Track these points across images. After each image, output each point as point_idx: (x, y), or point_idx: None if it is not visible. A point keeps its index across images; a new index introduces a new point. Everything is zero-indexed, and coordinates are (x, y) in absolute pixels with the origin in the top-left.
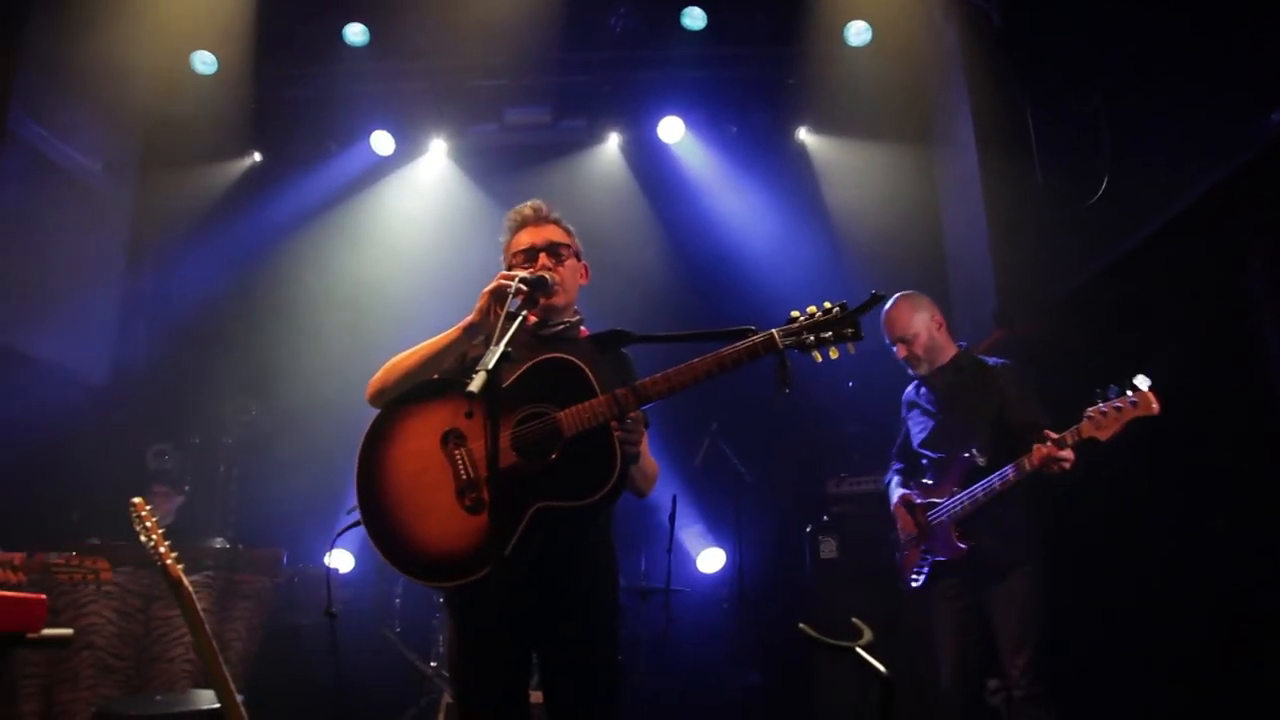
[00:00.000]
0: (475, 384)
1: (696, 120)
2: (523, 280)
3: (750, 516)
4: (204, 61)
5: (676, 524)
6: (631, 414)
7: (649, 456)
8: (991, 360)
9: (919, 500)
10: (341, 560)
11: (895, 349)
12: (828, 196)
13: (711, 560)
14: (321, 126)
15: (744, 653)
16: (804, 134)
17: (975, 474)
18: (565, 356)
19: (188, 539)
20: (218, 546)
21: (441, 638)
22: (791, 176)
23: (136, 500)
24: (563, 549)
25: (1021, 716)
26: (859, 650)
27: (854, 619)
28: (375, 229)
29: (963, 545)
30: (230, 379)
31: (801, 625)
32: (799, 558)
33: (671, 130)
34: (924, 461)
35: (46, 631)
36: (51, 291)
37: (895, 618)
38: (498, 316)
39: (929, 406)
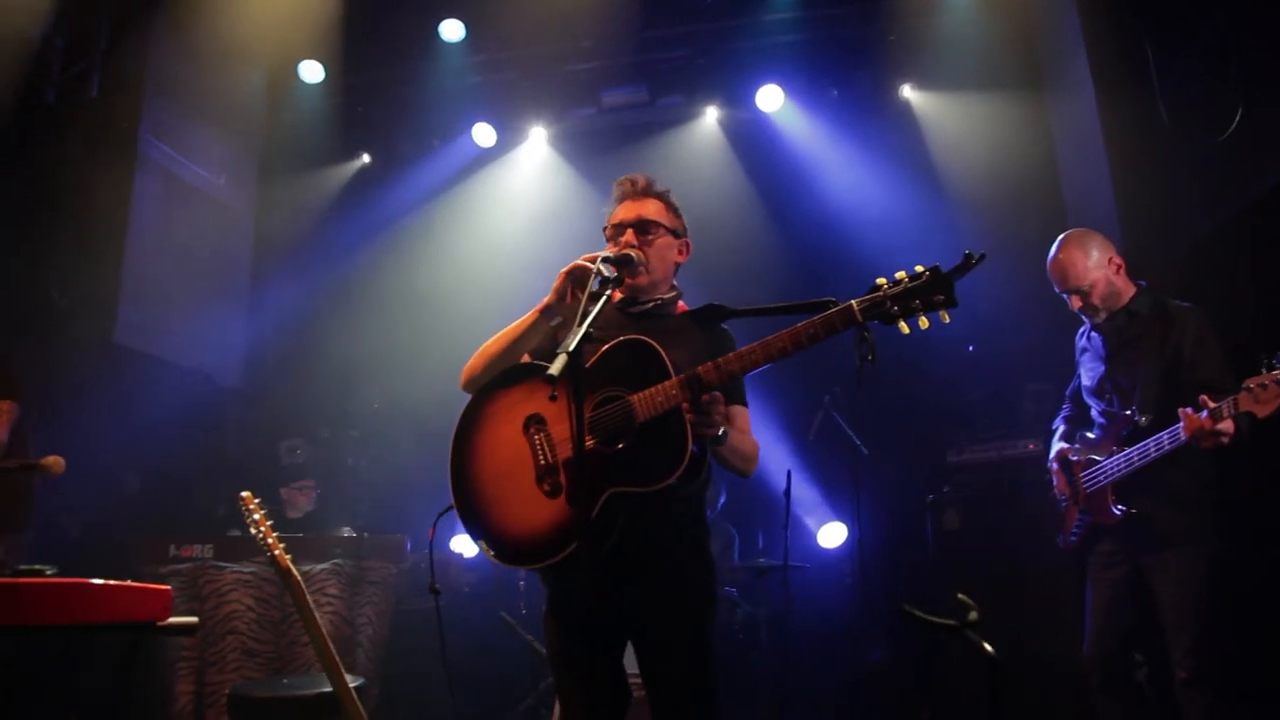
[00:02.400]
0: (555, 366)
1: (795, 87)
2: (605, 259)
3: (869, 489)
4: (311, 71)
5: (793, 499)
6: (706, 395)
7: (748, 435)
8: (1177, 302)
9: (1075, 458)
10: (465, 544)
11: (1068, 299)
12: (935, 154)
13: (832, 535)
14: (424, 124)
15: (867, 628)
16: (907, 91)
17: (1137, 434)
18: (640, 338)
19: (318, 529)
20: (345, 535)
21: None
22: (896, 136)
23: (245, 494)
24: (649, 533)
25: (1185, 699)
26: (964, 630)
27: (960, 595)
28: (481, 218)
29: (1119, 511)
30: (353, 373)
31: (903, 605)
32: (921, 530)
33: (770, 99)
34: (1092, 411)
35: (173, 620)
36: (187, 300)
37: (1029, 586)
38: (575, 298)
39: (1101, 350)
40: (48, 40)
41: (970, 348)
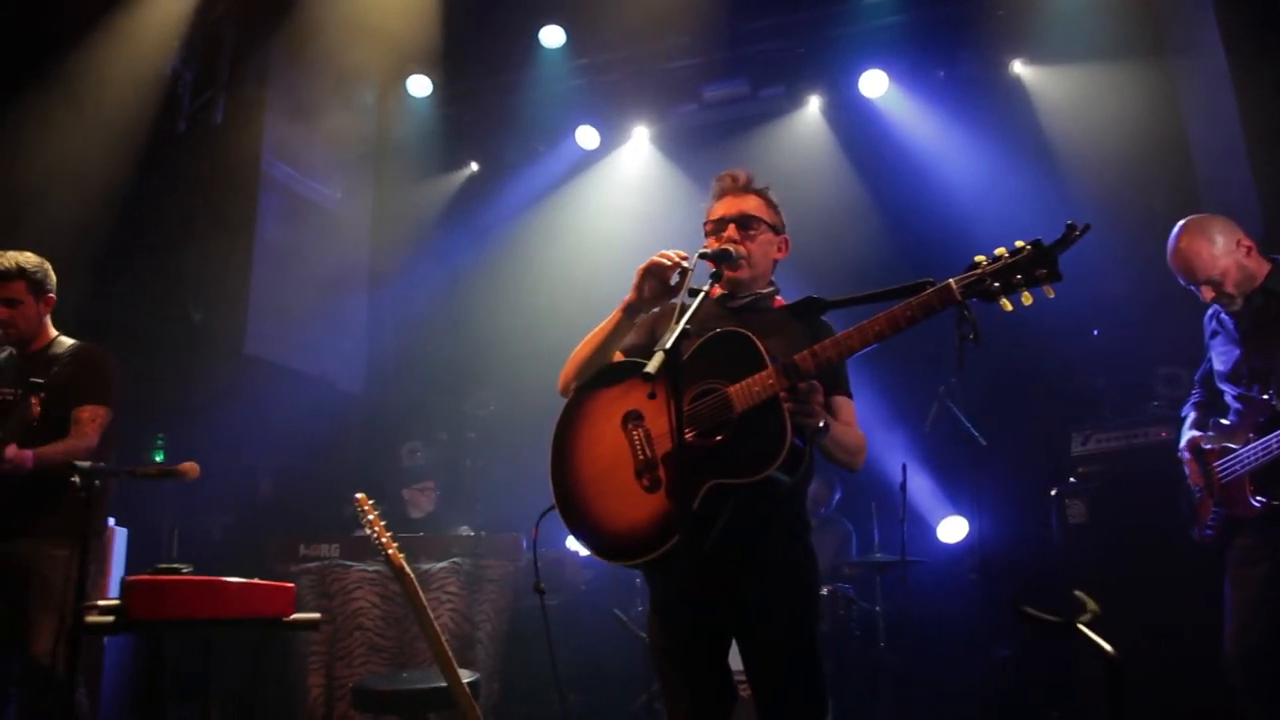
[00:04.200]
0: (652, 364)
1: (899, 70)
2: (703, 254)
3: (989, 481)
4: (419, 85)
5: (910, 493)
6: (803, 384)
7: (853, 428)
8: None
9: (1209, 446)
10: (578, 542)
11: (1198, 291)
12: (1051, 132)
13: (952, 529)
14: (529, 130)
15: (990, 625)
16: (1018, 67)
17: (1276, 420)
18: (736, 329)
19: (438, 529)
20: (463, 535)
21: None
22: (1008, 115)
23: (359, 496)
24: (751, 527)
25: None
26: (1081, 627)
27: (1076, 591)
28: (586, 220)
29: (1258, 503)
30: (469, 376)
31: (1017, 602)
32: (1045, 524)
33: (874, 84)
34: (1226, 397)
35: (298, 615)
36: (310, 312)
37: (1163, 582)
38: (652, 293)
39: (1234, 332)
40: (178, 74)
41: (1095, 332)
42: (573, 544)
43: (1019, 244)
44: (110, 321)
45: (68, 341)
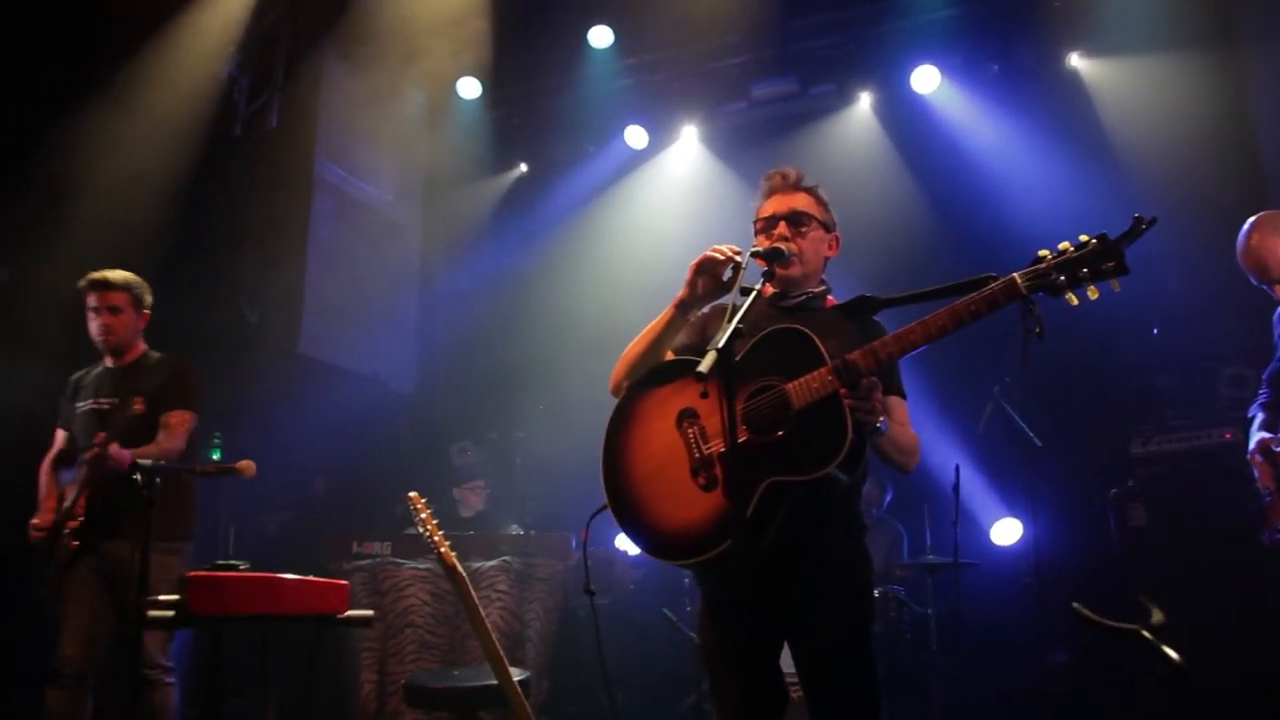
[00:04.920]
0: (705, 363)
1: (952, 65)
2: (755, 253)
3: (1044, 483)
4: (468, 87)
5: (963, 494)
6: (864, 380)
7: (907, 428)
8: None
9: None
10: (629, 542)
11: (1271, 290)
12: (1110, 126)
13: (1006, 531)
14: (578, 130)
15: (1046, 630)
16: (1075, 60)
17: None
18: (793, 325)
19: (488, 528)
20: (513, 534)
21: None
22: (1065, 110)
23: (412, 495)
24: (807, 528)
25: None
26: (1145, 634)
27: (1141, 597)
28: (636, 220)
29: None
30: (518, 375)
31: (1075, 605)
32: (1103, 527)
33: (925, 80)
34: None
35: (351, 613)
36: (362, 312)
37: (1228, 588)
38: (705, 289)
39: None
40: (233, 79)
41: (1155, 330)
42: (622, 543)
43: (1083, 238)
44: (169, 322)
45: (156, 354)
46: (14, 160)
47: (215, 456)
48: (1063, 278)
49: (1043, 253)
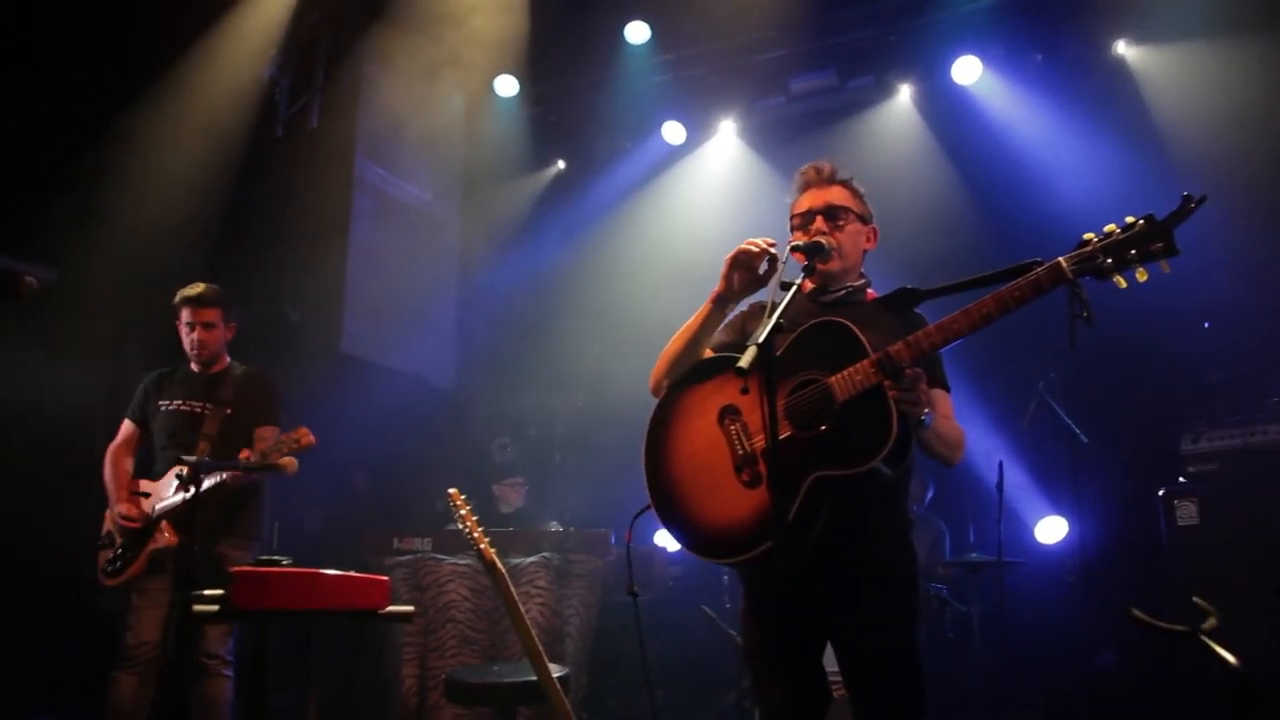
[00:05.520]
0: (745, 359)
1: (994, 55)
2: (794, 247)
3: (1090, 481)
4: (505, 85)
5: (1006, 492)
6: (908, 371)
7: (951, 421)
8: None
9: None
10: (668, 539)
11: None
12: (1159, 115)
13: (1051, 529)
14: (616, 126)
15: (1092, 630)
16: (1122, 48)
17: None
18: (834, 318)
19: (528, 524)
20: (552, 530)
21: None
22: (1112, 99)
23: (452, 491)
24: (853, 524)
25: None
26: (1202, 636)
27: (1196, 599)
28: (674, 215)
29: None
30: (558, 371)
31: (1132, 610)
32: (1152, 525)
33: (967, 71)
34: None
35: (392, 608)
36: (402, 311)
37: None
38: (740, 283)
39: None
40: (274, 81)
41: (1206, 324)
42: (661, 540)
43: (1129, 219)
44: None
45: (240, 365)
46: (60, 163)
47: None
48: (1109, 260)
49: (1088, 236)
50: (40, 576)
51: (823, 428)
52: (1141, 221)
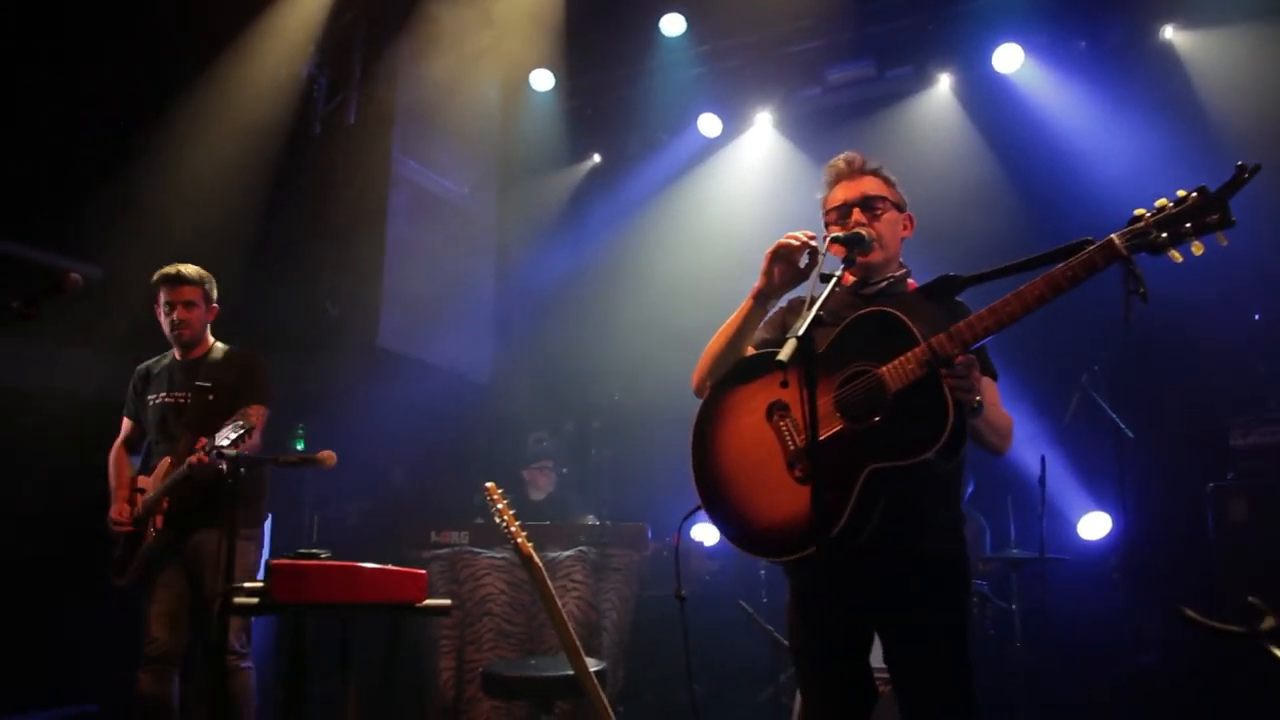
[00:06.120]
0: (784, 351)
1: (1036, 43)
2: (834, 238)
3: (1135, 476)
4: (541, 79)
5: (1048, 487)
6: (960, 359)
7: (1000, 408)
8: None
9: None
10: (706, 534)
11: None
12: (1208, 102)
13: (1094, 526)
14: (651, 119)
15: (1137, 629)
16: (1170, 33)
17: None
18: (882, 308)
19: (562, 515)
20: (589, 523)
21: None
22: (1158, 86)
23: (489, 485)
24: (906, 517)
25: None
26: (1257, 638)
27: (1251, 599)
28: (711, 208)
29: None
30: (594, 366)
31: (1184, 609)
32: (1199, 522)
33: (1008, 59)
34: None
35: (429, 602)
36: (439, 306)
37: None
38: (782, 277)
39: None
40: (312, 78)
41: (1256, 316)
42: (698, 534)
43: (1180, 193)
44: (253, 318)
45: (223, 347)
46: (101, 160)
47: (299, 447)
48: (1164, 234)
49: (1139, 211)
50: (81, 565)
51: (876, 419)
52: (1194, 194)
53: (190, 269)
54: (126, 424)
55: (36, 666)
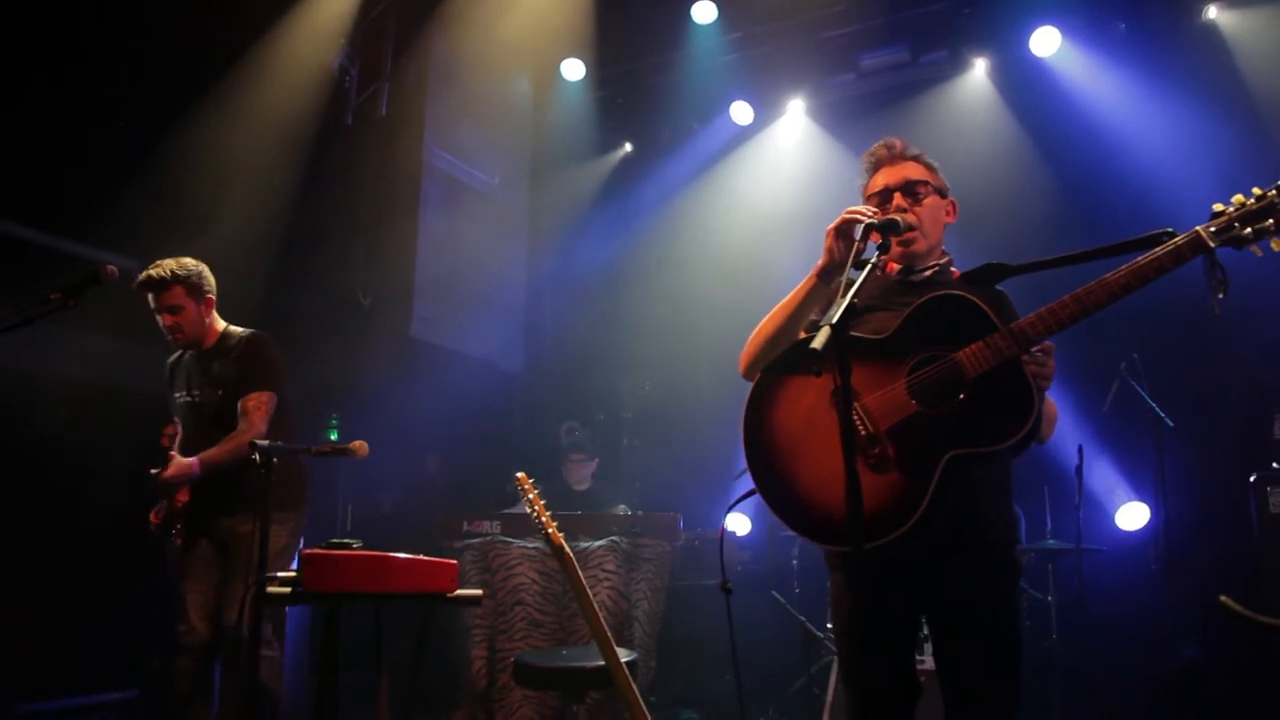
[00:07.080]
0: (818, 339)
1: (1074, 25)
2: (869, 225)
3: (1175, 465)
4: (572, 69)
5: (1085, 476)
6: (1043, 345)
7: (1048, 396)
8: None
9: None
10: (738, 523)
11: None
12: (1253, 82)
13: (1133, 516)
14: (683, 107)
15: (1176, 622)
16: (1213, 12)
17: None
18: (957, 293)
19: (595, 507)
20: (620, 514)
21: None
22: (1200, 67)
23: (520, 475)
24: (967, 507)
25: None
26: None
27: None
28: (743, 196)
29: None
30: (625, 355)
31: (1223, 598)
32: (1241, 513)
33: (1046, 42)
34: None
35: (460, 592)
36: (471, 296)
37: None
38: (843, 254)
39: None
40: (344, 70)
41: None
42: (730, 523)
43: (1257, 190)
44: (286, 308)
45: (237, 331)
46: (136, 151)
47: (332, 437)
48: (1248, 230)
49: (1218, 207)
50: (120, 553)
51: (957, 401)
52: (1273, 192)
53: (167, 269)
54: (174, 424)
55: (78, 653)
